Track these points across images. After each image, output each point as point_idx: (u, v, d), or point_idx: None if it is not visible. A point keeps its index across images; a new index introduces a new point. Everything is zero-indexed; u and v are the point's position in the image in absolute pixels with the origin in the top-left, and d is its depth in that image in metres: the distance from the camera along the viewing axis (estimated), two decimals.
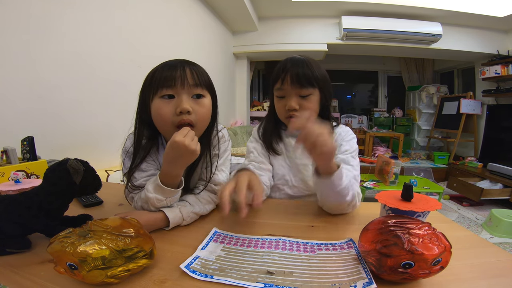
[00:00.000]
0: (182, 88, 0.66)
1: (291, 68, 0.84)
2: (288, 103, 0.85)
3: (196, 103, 0.68)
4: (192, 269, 0.50)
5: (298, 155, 0.94)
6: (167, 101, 0.66)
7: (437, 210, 0.79)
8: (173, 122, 0.66)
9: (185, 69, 0.67)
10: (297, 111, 0.85)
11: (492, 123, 4.03)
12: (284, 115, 0.89)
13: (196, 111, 0.67)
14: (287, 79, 0.84)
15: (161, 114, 0.66)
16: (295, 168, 0.95)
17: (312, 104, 0.86)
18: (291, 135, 0.97)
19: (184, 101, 0.65)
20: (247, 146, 0.98)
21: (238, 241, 0.62)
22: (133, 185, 0.72)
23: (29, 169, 0.87)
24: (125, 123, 0.81)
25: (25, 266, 0.50)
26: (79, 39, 1.50)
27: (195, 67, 0.70)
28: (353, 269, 0.50)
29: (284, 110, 0.87)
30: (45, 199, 0.57)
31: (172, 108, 0.65)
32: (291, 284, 0.46)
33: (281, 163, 0.96)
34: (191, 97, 0.67)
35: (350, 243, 0.59)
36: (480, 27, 3.96)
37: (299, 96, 0.85)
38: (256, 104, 5.08)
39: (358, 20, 3.80)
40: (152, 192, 0.66)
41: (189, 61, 0.71)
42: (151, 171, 0.76)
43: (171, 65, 0.68)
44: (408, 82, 5.53)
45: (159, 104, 0.66)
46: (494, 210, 2.51)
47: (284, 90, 0.86)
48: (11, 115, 1.20)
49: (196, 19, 2.95)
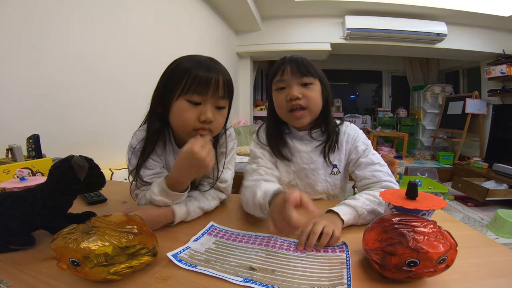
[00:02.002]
0: (212, 97, 0.66)
1: (290, 60, 0.84)
2: (289, 92, 0.82)
3: (218, 113, 0.69)
4: (179, 258, 0.52)
5: (304, 160, 0.90)
6: (193, 107, 0.66)
7: (442, 209, 0.78)
8: (194, 127, 0.66)
9: (219, 76, 0.66)
10: (300, 100, 0.82)
11: (498, 123, 3.98)
12: (285, 109, 0.84)
13: (217, 119, 0.69)
14: (287, 69, 0.83)
15: (184, 117, 0.66)
16: (302, 173, 0.91)
17: (315, 93, 0.84)
18: (295, 138, 0.93)
19: (209, 111, 0.66)
20: (253, 150, 0.93)
21: (231, 236, 0.64)
22: (142, 181, 0.73)
23: (34, 166, 0.87)
24: (129, 122, 0.82)
25: (28, 263, 0.51)
26: (83, 39, 1.51)
27: (225, 73, 0.69)
28: (337, 273, 0.49)
29: (285, 102, 0.83)
30: (50, 195, 0.57)
31: (196, 114, 0.66)
32: (269, 282, 0.46)
33: (285, 168, 0.92)
34: (215, 107, 0.68)
35: (343, 247, 0.59)
36: (486, 27, 3.92)
37: (301, 85, 0.83)
38: (259, 103, 5.08)
39: (361, 20, 3.77)
40: (158, 195, 0.66)
41: (220, 65, 0.70)
42: (156, 169, 0.76)
43: (206, 66, 0.66)
44: (412, 82, 5.49)
45: (184, 106, 0.65)
46: (499, 210, 2.48)
47: (285, 80, 0.83)
48: (16, 114, 1.21)
49: (200, 19, 2.96)
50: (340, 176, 0.92)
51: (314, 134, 0.90)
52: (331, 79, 5.77)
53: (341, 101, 5.52)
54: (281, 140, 0.91)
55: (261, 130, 0.96)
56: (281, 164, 0.92)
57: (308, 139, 0.91)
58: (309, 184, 0.91)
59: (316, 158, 0.90)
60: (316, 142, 0.90)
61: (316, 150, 0.90)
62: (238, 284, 0.45)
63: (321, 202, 0.89)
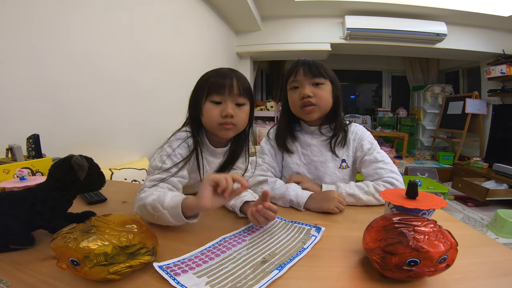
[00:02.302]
0: (229, 96, 0.78)
1: (303, 62, 0.95)
2: (302, 91, 0.93)
3: (238, 109, 0.80)
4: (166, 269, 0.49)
5: (315, 152, 0.99)
6: (216, 105, 0.78)
7: (442, 209, 0.78)
8: (218, 122, 0.79)
9: (233, 80, 0.78)
10: (311, 98, 0.91)
11: (498, 123, 3.98)
12: (298, 105, 0.95)
13: (237, 115, 0.80)
14: (300, 71, 0.94)
15: (210, 114, 0.79)
16: (312, 165, 0.99)
17: (325, 93, 0.94)
18: (306, 133, 1.02)
19: (229, 107, 0.78)
20: (261, 145, 1.05)
21: (213, 254, 0.56)
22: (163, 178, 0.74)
23: (34, 166, 0.87)
24: (129, 122, 0.82)
25: (28, 263, 0.51)
26: (83, 39, 1.50)
27: (241, 78, 0.81)
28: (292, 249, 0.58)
29: (298, 99, 0.94)
30: (50, 195, 0.57)
31: (219, 111, 0.78)
32: (286, 258, 0.54)
33: (296, 161, 1.00)
34: (235, 104, 0.79)
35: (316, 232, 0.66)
36: (485, 27, 3.91)
37: (312, 85, 0.93)
38: (259, 104, 5.06)
39: (361, 20, 3.77)
40: (168, 217, 0.61)
41: (237, 72, 0.82)
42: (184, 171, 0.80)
43: (223, 74, 0.79)
44: (412, 82, 5.48)
45: (209, 106, 0.79)
46: (499, 210, 2.48)
47: (298, 81, 0.94)
48: (17, 113, 1.20)
49: (200, 19, 2.96)
50: (349, 170, 1.00)
51: (324, 129, 1.00)
52: None
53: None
54: (288, 134, 1.02)
55: (273, 127, 1.08)
56: (289, 157, 1.01)
57: (317, 134, 1.00)
58: (319, 176, 0.98)
59: (325, 152, 0.98)
60: (325, 136, 0.99)
61: (325, 144, 0.99)
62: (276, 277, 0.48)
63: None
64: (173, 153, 0.78)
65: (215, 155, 0.88)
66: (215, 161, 0.89)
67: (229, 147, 0.90)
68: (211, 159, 0.88)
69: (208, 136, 0.87)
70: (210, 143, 0.87)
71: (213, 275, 0.48)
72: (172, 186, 0.75)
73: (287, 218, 0.74)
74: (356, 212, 0.81)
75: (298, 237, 0.63)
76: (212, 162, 0.88)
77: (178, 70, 2.43)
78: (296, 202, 0.82)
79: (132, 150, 1.92)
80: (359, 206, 0.85)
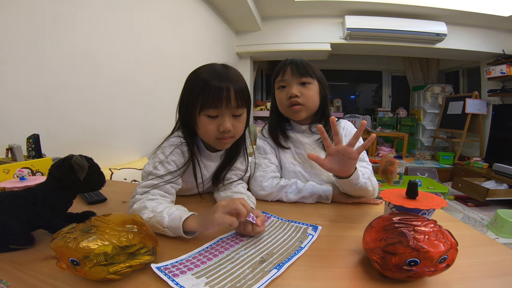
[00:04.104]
0: (226, 109, 0.72)
1: (291, 62, 0.94)
2: (289, 90, 0.93)
3: (236, 120, 0.75)
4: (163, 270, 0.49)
5: (308, 151, 0.97)
6: (212, 120, 0.73)
7: (442, 209, 0.78)
8: (216, 137, 0.75)
9: (230, 91, 0.71)
10: (298, 97, 0.92)
11: (498, 123, 3.98)
12: (286, 105, 0.95)
13: (235, 126, 0.75)
14: (287, 70, 0.93)
15: (206, 130, 0.74)
16: (307, 164, 0.98)
17: (312, 92, 0.94)
18: (297, 132, 1.01)
19: (226, 122, 0.72)
20: (260, 145, 1.03)
21: (211, 254, 0.56)
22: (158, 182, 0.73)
23: (34, 166, 0.87)
24: (129, 122, 0.82)
25: (28, 263, 0.51)
26: (84, 39, 1.50)
27: (237, 82, 0.74)
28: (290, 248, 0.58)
29: (285, 99, 0.94)
30: (50, 195, 0.57)
31: (216, 126, 0.73)
32: (284, 257, 0.54)
33: (290, 160, 1.00)
34: (232, 115, 0.74)
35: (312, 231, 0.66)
36: (485, 27, 3.91)
37: (300, 84, 0.93)
38: (259, 103, 5.07)
39: (361, 20, 3.77)
40: (169, 233, 0.61)
41: (232, 73, 0.75)
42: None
43: (217, 78, 0.71)
44: (412, 82, 5.48)
45: (205, 120, 0.73)
46: (499, 210, 2.48)
47: (285, 80, 0.94)
48: (17, 113, 1.20)
49: (200, 19, 2.96)
50: None
51: (314, 128, 0.99)
52: (331, 79, 5.78)
53: (341, 101, 5.51)
54: (279, 132, 1.02)
55: (265, 126, 1.08)
56: (284, 154, 1.01)
57: (308, 133, 1.01)
58: (315, 174, 0.98)
59: (319, 150, 0.98)
60: (316, 135, 0.99)
61: (318, 143, 0.98)
62: (275, 276, 0.48)
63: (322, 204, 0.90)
64: (166, 160, 0.76)
65: (212, 158, 0.87)
66: (212, 164, 0.87)
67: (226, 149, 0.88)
68: (208, 163, 0.86)
69: (203, 141, 0.84)
70: (206, 148, 0.85)
71: (212, 275, 0.48)
72: (164, 192, 0.73)
73: (283, 217, 0.74)
74: (356, 212, 0.81)
75: (295, 236, 0.63)
76: (209, 166, 0.87)
77: (178, 70, 2.43)
78: (324, 196, 0.87)
79: (132, 150, 1.92)
80: (358, 205, 0.85)
